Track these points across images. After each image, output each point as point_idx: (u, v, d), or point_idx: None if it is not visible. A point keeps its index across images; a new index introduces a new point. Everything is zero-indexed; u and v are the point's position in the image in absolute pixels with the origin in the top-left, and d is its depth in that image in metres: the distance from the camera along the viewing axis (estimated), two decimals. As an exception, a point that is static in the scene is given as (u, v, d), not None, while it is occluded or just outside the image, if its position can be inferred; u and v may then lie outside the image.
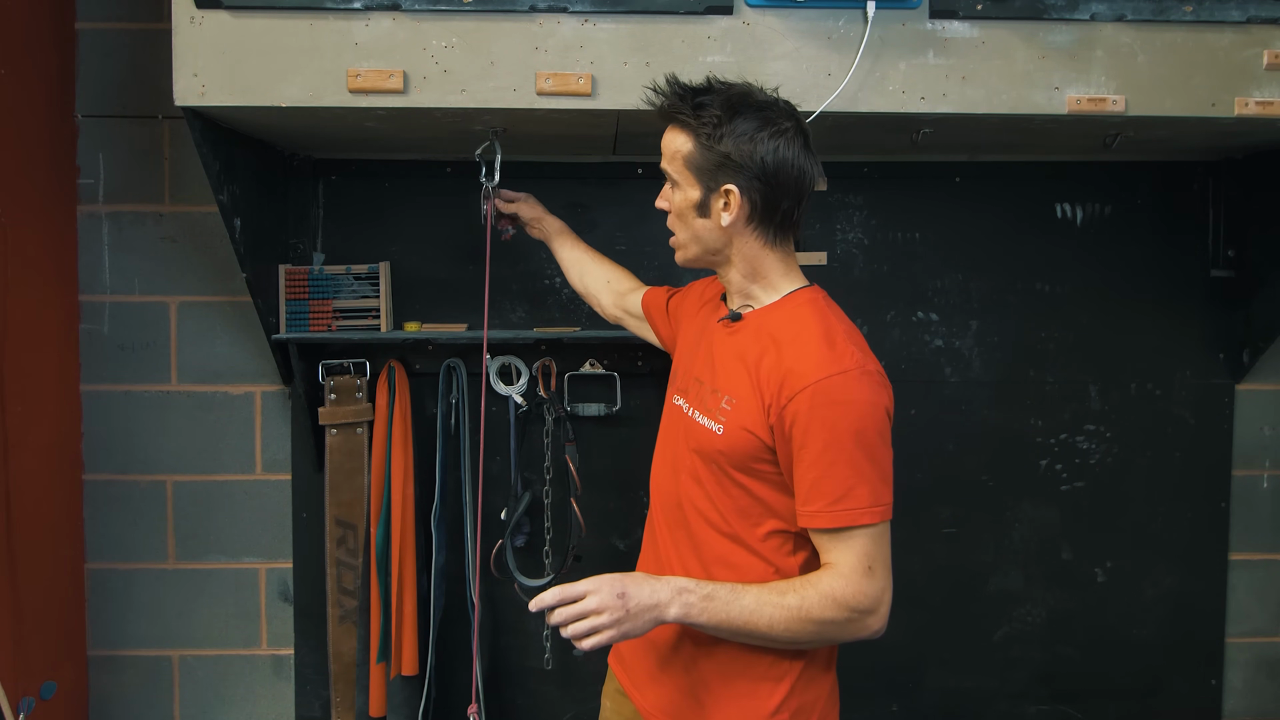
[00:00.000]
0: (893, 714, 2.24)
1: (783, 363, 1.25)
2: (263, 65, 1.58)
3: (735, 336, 1.35)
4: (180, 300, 2.14)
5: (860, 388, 1.23)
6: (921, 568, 2.20)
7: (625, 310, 1.79)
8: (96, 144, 2.09)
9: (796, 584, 1.24)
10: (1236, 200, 2.16)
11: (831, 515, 1.22)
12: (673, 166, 1.34)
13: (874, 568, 1.23)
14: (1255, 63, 1.65)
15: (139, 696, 2.18)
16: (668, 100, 1.32)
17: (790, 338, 1.28)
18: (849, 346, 1.26)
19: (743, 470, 1.29)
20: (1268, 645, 2.27)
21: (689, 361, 1.45)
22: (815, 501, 1.22)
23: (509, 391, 2.10)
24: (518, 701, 2.19)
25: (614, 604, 1.19)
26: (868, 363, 1.26)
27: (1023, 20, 1.63)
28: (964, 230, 2.17)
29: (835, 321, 1.31)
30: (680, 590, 1.22)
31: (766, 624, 1.22)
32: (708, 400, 1.34)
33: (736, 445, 1.28)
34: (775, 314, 1.33)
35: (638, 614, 1.20)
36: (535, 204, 1.93)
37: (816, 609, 1.22)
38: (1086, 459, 2.21)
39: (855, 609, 1.23)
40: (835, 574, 1.23)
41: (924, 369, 2.18)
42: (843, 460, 1.21)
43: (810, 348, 1.25)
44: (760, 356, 1.28)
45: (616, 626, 1.19)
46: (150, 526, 2.16)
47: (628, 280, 1.82)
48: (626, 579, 1.22)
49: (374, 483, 2.07)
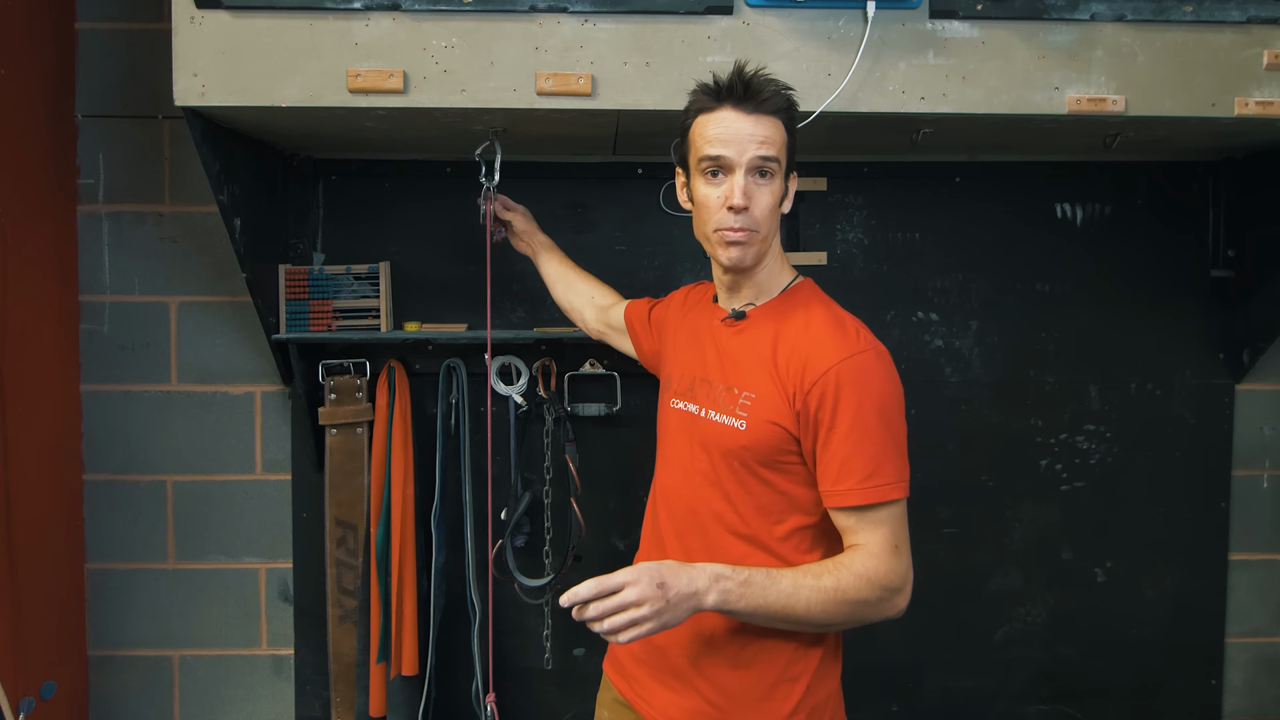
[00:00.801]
0: (893, 714, 2.24)
1: (800, 350, 1.28)
2: (263, 65, 1.58)
3: (743, 334, 1.37)
4: (180, 300, 2.14)
5: (878, 366, 1.28)
6: (921, 568, 2.16)
7: (608, 324, 1.82)
8: (96, 144, 2.09)
9: (830, 566, 1.25)
10: (1236, 200, 2.16)
11: (863, 492, 1.25)
12: (779, 158, 1.32)
13: (899, 546, 1.27)
14: (1255, 63, 1.65)
15: (139, 696, 2.18)
16: (772, 93, 1.29)
17: (801, 326, 1.32)
18: (861, 328, 1.32)
19: (767, 465, 1.31)
20: (1268, 645, 2.27)
21: (685, 365, 1.46)
22: (847, 479, 1.25)
23: (509, 391, 2.10)
24: (518, 701, 2.19)
25: (654, 594, 1.15)
26: (879, 344, 1.31)
27: (1023, 20, 1.63)
28: (964, 230, 2.16)
29: (838, 308, 1.37)
30: (717, 577, 1.21)
31: (804, 607, 1.23)
32: (723, 399, 1.35)
33: (761, 439, 1.30)
34: (779, 307, 1.36)
35: (677, 603, 1.17)
36: (529, 218, 1.95)
37: (852, 590, 1.23)
38: (1086, 459, 2.21)
39: (887, 588, 1.25)
40: (866, 554, 1.25)
41: (924, 369, 2.18)
42: (870, 438, 1.25)
43: (824, 333, 1.29)
44: (775, 348, 1.31)
45: (657, 618, 1.16)
46: (150, 526, 2.16)
47: (610, 295, 1.85)
48: (663, 568, 1.19)
49: (374, 483, 2.07)
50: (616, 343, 1.82)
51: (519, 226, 1.94)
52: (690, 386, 1.42)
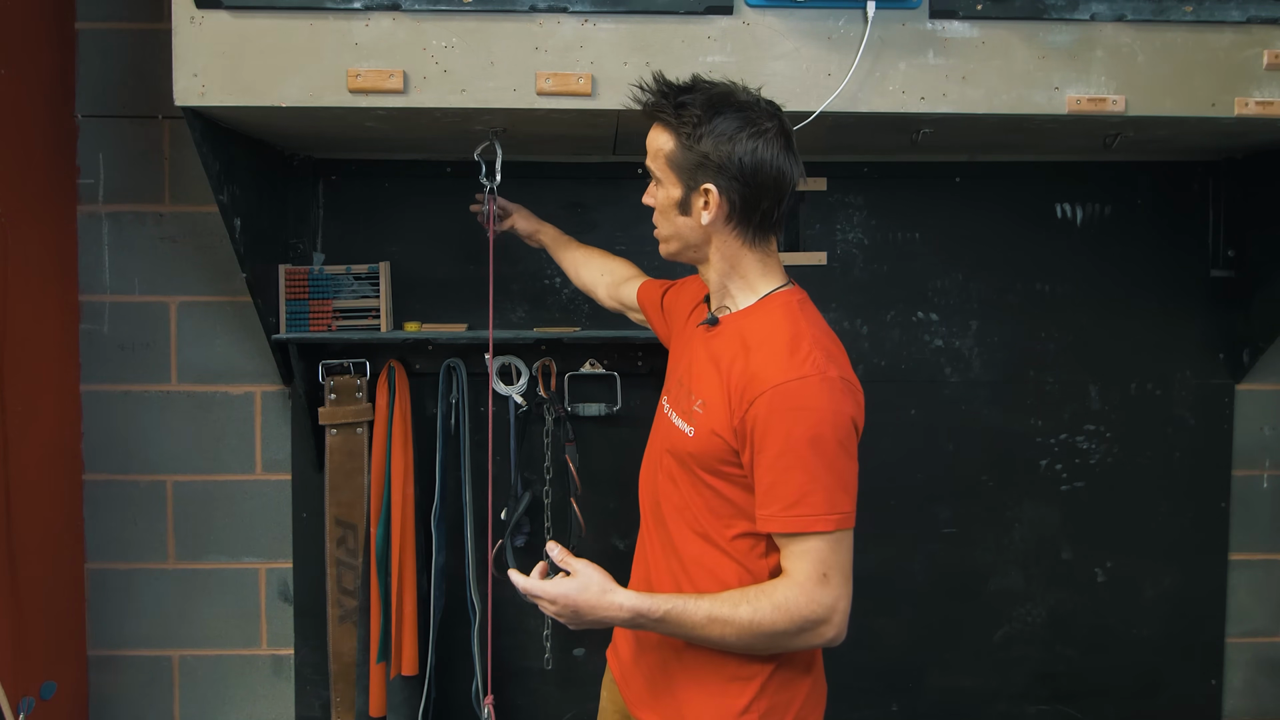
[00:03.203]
0: (893, 714, 2.24)
1: (749, 367, 1.26)
2: (263, 65, 1.58)
3: (713, 341, 1.36)
4: (180, 300, 2.14)
5: (819, 394, 1.22)
6: (921, 568, 2.21)
7: (621, 301, 1.82)
8: (96, 144, 2.09)
9: (751, 595, 1.24)
10: (1236, 200, 2.16)
11: (785, 520, 1.22)
12: (655, 164, 1.36)
13: (829, 575, 1.23)
14: (1255, 63, 1.65)
15: (139, 696, 2.18)
16: (651, 98, 1.33)
17: (759, 342, 1.28)
18: (813, 352, 1.25)
19: (711, 472, 1.31)
20: (1268, 645, 2.27)
21: (675, 364, 1.48)
22: (770, 505, 1.24)
23: (509, 391, 2.10)
24: (518, 701, 2.19)
25: (566, 612, 1.26)
26: (830, 369, 1.24)
27: (1023, 20, 1.63)
28: (964, 230, 2.17)
29: (805, 325, 1.30)
30: (635, 615, 1.26)
31: (718, 637, 1.25)
32: (683, 402, 1.36)
33: (705, 448, 1.30)
34: (749, 318, 1.33)
35: (587, 624, 1.28)
36: (530, 216, 1.95)
37: (768, 622, 1.22)
38: (1086, 459, 2.21)
39: (808, 619, 1.23)
40: (790, 584, 1.24)
41: (924, 369, 2.18)
42: (797, 466, 1.21)
43: (774, 352, 1.25)
44: (731, 361, 1.29)
45: (559, 618, 1.28)
46: (150, 526, 2.16)
47: (625, 269, 1.84)
48: (584, 599, 1.26)
49: (374, 483, 2.07)
50: (634, 318, 1.82)
51: (523, 228, 1.95)
52: (671, 385, 1.44)
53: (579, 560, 1.29)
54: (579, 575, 1.27)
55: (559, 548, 1.31)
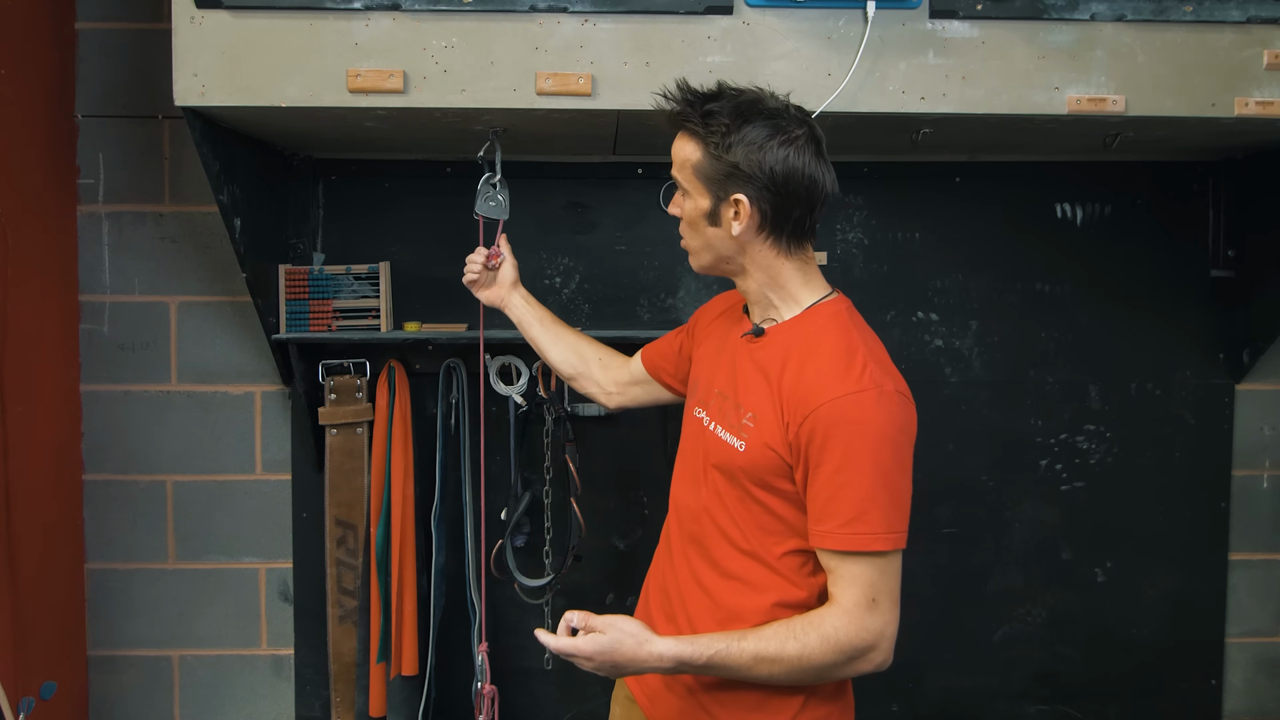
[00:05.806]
0: (893, 714, 2.24)
1: (803, 380, 1.24)
2: (263, 65, 1.58)
3: (759, 352, 1.33)
4: (180, 300, 2.14)
5: (877, 408, 1.20)
6: (921, 568, 2.20)
7: (631, 379, 1.69)
8: (96, 144, 2.09)
9: (797, 629, 1.22)
10: (1236, 200, 2.16)
11: (842, 537, 1.20)
12: (682, 175, 1.32)
13: (878, 600, 1.21)
14: (1255, 63, 1.65)
15: (139, 696, 2.18)
16: (677, 107, 1.30)
17: (811, 354, 1.26)
18: (869, 364, 1.23)
19: (763, 487, 1.28)
20: (1268, 645, 2.27)
21: (710, 373, 1.42)
22: (827, 521, 1.21)
23: (509, 391, 2.10)
24: (518, 701, 2.19)
25: (604, 668, 1.24)
26: (886, 383, 1.22)
27: (1023, 20, 1.63)
28: (964, 230, 2.17)
29: (857, 337, 1.28)
30: (679, 663, 1.23)
31: (766, 676, 1.23)
32: (730, 415, 1.33)
33: (758, 462, 1.27)
34: (797, 328, 1.31)
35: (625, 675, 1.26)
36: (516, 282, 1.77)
37: (817, 655, 1.21)
38: (1086, 459, 2.21)
39: (857, 648, 1.21)
40: (839, 611, 1.22)
41: (924, 369, 2.18)
42: (855, 482, 1.19)
43: (829, 365, 1.23)
44: (782, 372, 1.27)
45: (598, 672, 1.25)
46: (150, 526, 2.16)
47: (615, 353, 1.73)
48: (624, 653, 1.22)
49: (374, 483, 2.07)
50: (639, 399, 1.70)
51: (505, 275, 1.76)
52: (708, 396, 1.40)
53: (603, 617, 1.25)
54: (611, 629, 1.23)
55: (578, 614, 1.25)
